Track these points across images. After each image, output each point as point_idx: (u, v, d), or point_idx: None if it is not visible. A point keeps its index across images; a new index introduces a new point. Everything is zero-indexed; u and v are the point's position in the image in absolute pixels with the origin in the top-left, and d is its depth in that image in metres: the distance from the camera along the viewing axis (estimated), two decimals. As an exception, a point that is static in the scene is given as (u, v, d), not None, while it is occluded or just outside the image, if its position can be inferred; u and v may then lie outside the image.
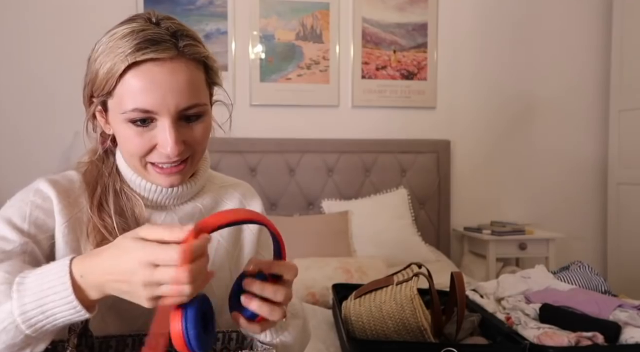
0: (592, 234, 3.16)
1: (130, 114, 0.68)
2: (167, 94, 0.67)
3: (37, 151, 2.64)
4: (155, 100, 0.67)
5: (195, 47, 0.70)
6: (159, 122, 0.69)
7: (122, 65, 0.66)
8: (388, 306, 1.20)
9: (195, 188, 0.82)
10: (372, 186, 2.84)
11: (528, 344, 1.13)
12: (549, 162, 3.11)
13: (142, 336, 0.71)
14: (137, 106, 0.67)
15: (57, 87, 2.67)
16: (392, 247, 2.43)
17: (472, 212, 3.02)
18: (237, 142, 2.70)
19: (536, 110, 3.10)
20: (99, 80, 0.69)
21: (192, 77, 0.69)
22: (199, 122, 0.72)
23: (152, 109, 0.67)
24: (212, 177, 0.90)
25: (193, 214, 0.83)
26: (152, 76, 0.66)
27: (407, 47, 2.97)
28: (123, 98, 0.68)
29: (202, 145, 0.75)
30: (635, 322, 1.25)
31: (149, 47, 0.66)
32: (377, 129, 2.94)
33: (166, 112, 0.68)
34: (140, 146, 0.70)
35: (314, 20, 2.89)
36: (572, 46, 3.12)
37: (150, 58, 0.66)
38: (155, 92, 0.66)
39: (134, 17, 0.71)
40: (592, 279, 1.65)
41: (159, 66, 0.66)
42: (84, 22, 2.70)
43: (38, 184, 0.75)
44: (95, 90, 0.71)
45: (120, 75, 0.67)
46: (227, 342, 0.75)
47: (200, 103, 0.71)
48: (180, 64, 0.68)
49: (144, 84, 0.66)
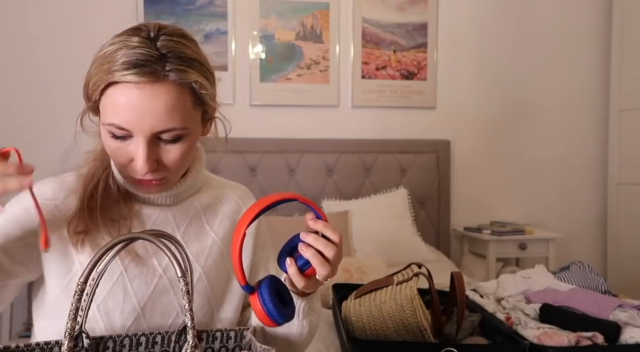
0: (592, 234, 3.16)
1: (108, 127, 0.69)
2: (142, 116, 0.67)
3: (37, 151, 2.64)
4: (130, 120, 0.67)
5: (183, 73, 0.68)
6: (134, 139, 0.70)
7: (104, 82, 0.67)
8: (388, 306, 1.20)
9: (187, 187, 0.84)
10: (372, 185, 2.84)
11: (528, 344, 1.13)
12: (549, 162, 3.11)
13: (139, 336, 0.71)
14: (114, 122, 0.68)
15: (58, 87, 2.67)
16: (392, 247, 2.43)
17: (472, 212, 3.02)
18: (237, 142, 2.70)
19: (536, 110, 3.10)
20: (89, 88, 0.71)
21: (172, 102, 0.68)
22: (175, 144, 0.72)
23: (127, 127, 0.68)
24: (210, 179, 0.92)
25: (189, 211, 0.85)
26: (130, 96, 0.67)
27: (407, 47, 2.97)
28: (104, 110, 0.70)
29: (180, 165, 0.75)
30: (635, 322, 1.24)
31: (131, 69, 0.65)
32: (377, 129, 2.94)
33: (140, 133, 0.68)
34: (119, 157, 0.72)
35: (314, 20, 2.89)
36: (572, 46, 3.12)
37: (129, 80, 0.66)
38: (132, 112, 0.67)
39: (138, 29, 0.70)
40: (592, 279, 1.65)
41: (138, 88, 0.66)
42: (85, 22, 2.70)
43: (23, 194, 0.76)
44: (87, 95, 0.73)
45: (103, 89, 0.68)
46: (226, 341, 0.75)
47: (178, 127, 0.70)
48: (161, 88, 0.67)
49: (122, 103, 0.67)
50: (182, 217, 0.83)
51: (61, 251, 0.75)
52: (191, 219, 0.84)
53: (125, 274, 0.76)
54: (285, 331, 0.80)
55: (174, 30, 0.71)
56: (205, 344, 0.74)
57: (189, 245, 0.82)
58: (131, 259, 0.77)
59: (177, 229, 0.83)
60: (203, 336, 0.74)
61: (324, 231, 0.69)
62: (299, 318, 0.79)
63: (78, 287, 0.60)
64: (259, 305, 0.67)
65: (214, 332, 0.75)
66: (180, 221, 0.83)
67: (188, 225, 0.84)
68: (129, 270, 0.76)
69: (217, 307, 0.83)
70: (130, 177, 0.74)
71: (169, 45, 0.68)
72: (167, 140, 0.71)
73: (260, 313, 0.67)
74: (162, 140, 0.71)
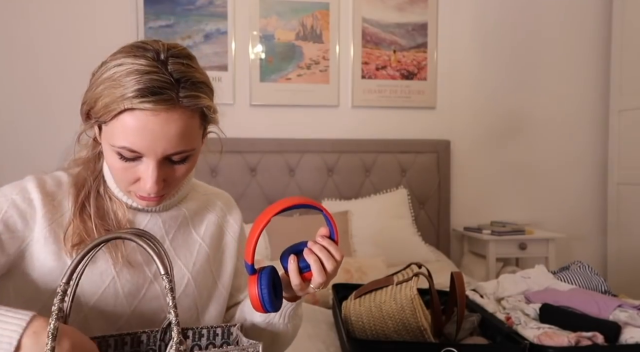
0: (592, 234, 3.16)
1: (118, 149, 0.70)
2: (157, 141, 0.69)
3: (37, 151, 2.64)
4: (144, 144, 0.69)
5: (196, 98, 0.70)
6: (144, 160, 0.71)
7: (120, 106, 0.67)
8: (388, 306, 1.20)
9: (177, 197, 0.86)
10: (372, 185, 2.84)
11: (528, 344, 1.13)
12: (549, 162, 3.11)
13: (124, 335, 0.71)
14: (126, 145, 0.69)
15: (57, 87, 2.67)
16: (392, 247, 2.43)
17: (472, 212, 3.02)
18: (237, 142, 2.70)
19: (536, 111, 3.10)
20: (96, 109, 0.70)
21: (185, 126, 0.70)
22: (183, 164, 0.75)
23: (140, 151, 0.69)
24: (196, 186, 0.94)
25: (177, 217, 0.87)
26: (145, 122, 0.67)
27: (407, 47, 2.97)
28: (115, 133, 0.69)
29: (183, 180, 0.78)
30: (635, 322, 1.25)
31: (149, 96, 0.66)
32: (377, 129, 2.94)
33: (152, 155, 0.70)
34: (124, 177, 0.73)
35: (314, 20, 2.89)
36: (572, 46, 3.12)
37: (146, 108, 0.67)
38: (146, 137, 0.68)
39: (143, 48, 0.70)
40: (592, 279, 1.65)
41: (154, 115, 0.67)
42: (84, 23, 2.70)
43: (26, 183, 0.78)
44: (92, 114, 0.72)
45: (115, 114, 0.68)
46: (213, 337, 0.76)
47: (188, 149, 0.72)
48: (175, 114, 0.69)
49: (136, 127, 0.68)
50: (171, 223, 0.86)
51: (56, 254, 0.75)
52: (179, 225, 0.87)
53: (117, 278, 0.77)
54: (270, 332, 0.85)
55: (180, 51, 0.72)
56: (192, 341, 0.74)
57: (178, 250, 0.85)
58: (123, 264, 0.78)
59: (166, 235, 0.84)
60: (189, 334, 0.74)
61: (329, 247, 0.75)
62: (284, 322, 0.84)
63: (60, 287, 0.60)
64: (255, 288, 0.71)
65: (200, 329, 0.75)
66: (169, 227, 0.85)
67: (176, 231, 0.86)
68: (120, 275, 0.77)
69: (202, 309, 0.86)
70: (133, 193, 0.77)
71: (180, 70, 0.69)
72: (176, 161, 0.73)
73: (254, 296, 0.72)
74: (170, 161, 0.73)
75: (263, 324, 0.84)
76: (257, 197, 2.73)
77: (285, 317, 0.83)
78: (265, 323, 0.84)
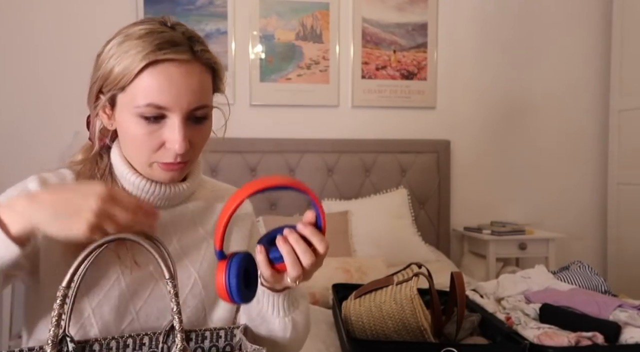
0: (592, 234, 3.16)
1: (143, 109, 0.70)
2: (181, 93, 0.70)
3: (37, 151, 2.63)
4: (170, 98, 0.70)
5: (208, 53, 0.74)
6: (168, 120, 0.71)
7: (142, 63, 0.68)
8: (388, 306, 1.20)
9: (188, 190, 0.83)
10: (372, 185, 2.83)
11: (528, 344, 1.13)
12: (549, 162, 3.11)
13: (126, 338, 0.70)
14: (152, 102, 0.69)
15: (57, 87, 2.67)
16: (392, 247, 2.43)
17: (472, 212, 3.02)
18: (237, 142, 2.70)
19: (536, 111, 3.10)
20: (112, 77, 0.71)
21: (203, 80, 0.73)
22: (204, 124, 0.76)
23: (166, 105, 0.70)
24: (204, 182, 0.92)
25: (184, 215, 0.84)
26: (169, 75, 0.69)
27: (407, 47, 2.97)
28: (137, 94, 0.70)
29: (202, 147, 0.78)
30: (635, 322, 1.24)
31: (169, 48, 0.69)
32: (377, 129, 2.93)
33: (178, 110, 0.71)
34: (149, 143, 0.72)
35: (314, 20, 2.89)
36: (572, 46, 3.12)
37: (169, 58, 0.69)
38: (171, 90, 0.69)
39: (148, 19, 0.74)
40: (592, 279, 1.65)
41: (176, 67, 0.70)
42: (84, 22, 2.70)
43: (28, 183, 0.77)
44: (106, 86, 0.72)
45: (137, 73, 0.69)
46: (216, 340, 0.75)
47: (208, 105, 0.75)
48: (195, 66, 0.72)
49: (160, 82, 0.69)
50: (178, 221, 0.83)
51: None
52: (187, 224, 0.84)
53: (122, 278, 0.76)
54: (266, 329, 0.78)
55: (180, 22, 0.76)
56: (195, 343, 0.73)
57: (185, 249, 0.83)
58: (128, 263, 0.76)
59: (174, 233, 0.82)
60: (192, 336, 0.73)
61: (311, 237, 0.66)
62: (279, 315, 0.77)
63: (60, 292, 0.59)
64: (222, 276, 0.64)
65: (203, 332, 0.74)
66: (176, 226, 0.83)
67: (184, 229, 0.84)
68: (125, 275, 0.76)
69: (210, 309, 0.84)
70: (156, 165, 0.75)
71: (189, 31, 0.74)
72: (197, 118, 0.74)
73: (220, 284, 0.64)
74: (192, 120, 0.73)
75: (258, 319, 0.78)
76: (257, 197, 2.71)
77: (280, 311, 0.76)
78: (260, 318, 0.78)
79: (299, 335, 0.82)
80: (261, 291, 0.74)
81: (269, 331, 0.78)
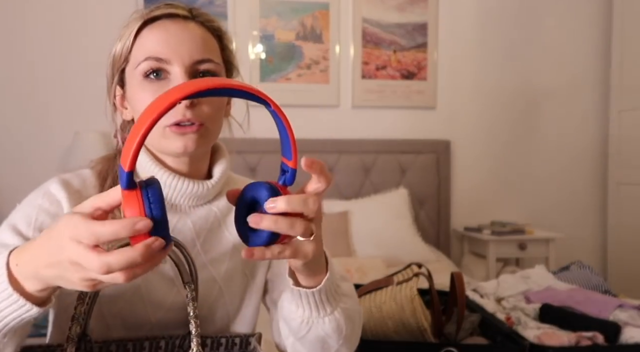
0: (592, 234, 3.16)
1: (143, 64, 0.69)
2: (180, 44, 0.69)
3: (37, 151, 2.63)
4: (168, 49, 0.68)
5: (209, 19, 0.73)
6: (171, 76, 0.69)
7: (138, 23, 0.69)
8: (388, 306, 1.20)
9: (212, 190, 0.77)
10: (372, 186, 2.83)
11: (528, 344, 1.13)
12: (549, 162, 3.11)
13: (142, 340, 0.69)
14: (150, 54, 0.68)
15: (57, 87, 2.67)
16: (392, 247, 2.43)
17: (472, 212, 3.02)
18: (237, 142, 2.69)
19: (536, 111, 3.10)
20: (116, 54, 0.72)
21: (205, 37, 0.71)
22: None
23: (165, 57, 0.68)
24: (233, 180, 0.85)
25: (207, 218, 0.78)
26: (166, 28, 0.69)
27: (407, 47, 2.97)
28: (138, 54, 0.70)
29: (216, 117, 0.72)
30: (635, 322, 1.25)
31: (164, 6, 0.70)
32: (377, 129, 2.93)
33: (179, 61, 0.68)
34: None
35: (314, 20, 2.89)
36: (572, 46, 3.12)
37: (165, 13, 0.70)
38: (169, 40, 0.68)
39: None
40: (592, 279, 1.65)
41: (173, 21, 0.70)
42: (84, 23, 2.70)
43: (49, 186, 0.73)
44: (114, 67, 0.73)
45: (135, 35, 0.70)
46: (231, 347, 0.73)
47: (215, 60, 0.71)
48: (193, 24, 0.71)
49: (157, 36, 0.69)
50: (202, 224, 0.77)
51: None
52: (211, 226, 0.78)
53: (142, 285, 0.72)
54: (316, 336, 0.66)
55: None
56: (210, 350, 0.72)
57: (208, 254, 0.77)
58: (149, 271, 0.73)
59: (197, 237, 0.76)
60: (207, 342, 0.72)
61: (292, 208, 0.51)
62: (327, 314, 0.64)
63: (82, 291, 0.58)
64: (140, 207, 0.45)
65: (218, 338, 0.73)
66: (200, 229, 0.77)
67: (208, 232, 0.77)
68: (146, 282, 0.72)
69: (234, 316, 0.80)
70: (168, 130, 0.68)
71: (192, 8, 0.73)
72: (204, 74, 0.71)
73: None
74: (199, 78, 0.70)
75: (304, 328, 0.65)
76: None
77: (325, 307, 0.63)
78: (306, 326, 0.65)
79: (355, 325, 0.70)
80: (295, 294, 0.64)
81: (321, 337, 0.66)
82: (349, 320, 0.67)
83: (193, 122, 0.68)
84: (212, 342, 0.72)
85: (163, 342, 0.70)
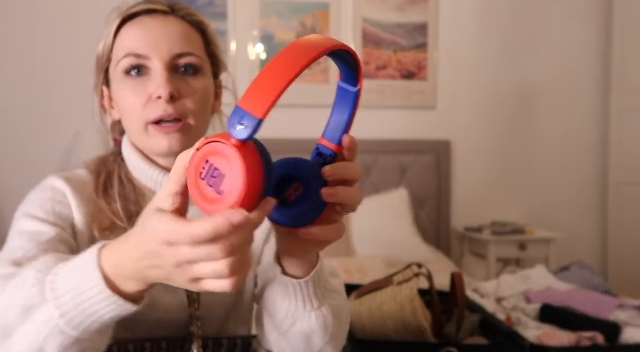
0: (592, 234, 3.16)
1: (123, 61, 0.69)
2: (159, 39, 0.68)
3: (37, 151, 2.63)
4: (147, 44, 0.68)
5: (190, 10, 0.72)
6: (151, 71, 0.68)
7: (117, 21, 0.70)
8: (388, 306, 1.20)
9: None
10: (372, 186, 2.83)
11: (528, 344, 1.13)
12: (549, 162, 3.11)
13: (144, 341, 0.69)
14: (129, 51, 0.68)
15: (57, 87, 2.67)
16: (392, 247, 2.43)
17: (472, 212, 3.02)
18: (237, 142, 2.69)
19: (536, 111, 3.10)
20: (99, 54, 0.72)
21: (186, 31, 0.71)
22: (196, 77, 0.71)
23: (144, 53, 0.68)
24: None
25: None
26: (144, 24, 0.69)
27: (407, 47, 2.97)
28: (118, 52, 0.70)
29: (200, 109, 0.71)
30: (635, 322, 1.25)
31: (143, 3, 0.70)
32: (377, 129, 2.93)
33: (158, 56, 0.68)
34: (137, 99, 0.68)
35: (314, 20, 2.89)
36: (572, 46, 3.11)
37: (143, 9, 0.69)
38: (147, 36, 0.68)
39: None
40: (592, 279, 1.65)
41: (152, 17, 0.70)
42: (84, 24, 2.69)
43: (52, 182, 0.72)
44: (98, 67, 0.73)
45: (115, 34, 0.70)
46: (233, 348, 0.73)
47: (196, 53, 0.70)
48: (173, 18, 0.71)
49: (136, 32, 0.69)
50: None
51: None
52: None
53: None
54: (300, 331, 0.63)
55: None
56: (211, 351, 0.72)
57: None
58: None
59: None
60: (209, 343, 0.72)
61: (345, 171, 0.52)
62: (313, 308, 0.61)
63: None
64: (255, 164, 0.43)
65: (219, 340, 0.72)
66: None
67: None
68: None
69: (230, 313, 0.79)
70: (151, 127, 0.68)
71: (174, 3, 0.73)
72: (186, 68, 0.70)
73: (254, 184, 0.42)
74: (180, 72, 0.70)
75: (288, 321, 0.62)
76: None
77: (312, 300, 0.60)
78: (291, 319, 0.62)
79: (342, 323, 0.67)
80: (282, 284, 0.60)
81: (305, 333, 0.62)
82: (336, 317, 0.64)
83: (176, 119, 0.68)
84: (214, 344, 0.72)
85: (164, 343, 0.70)
